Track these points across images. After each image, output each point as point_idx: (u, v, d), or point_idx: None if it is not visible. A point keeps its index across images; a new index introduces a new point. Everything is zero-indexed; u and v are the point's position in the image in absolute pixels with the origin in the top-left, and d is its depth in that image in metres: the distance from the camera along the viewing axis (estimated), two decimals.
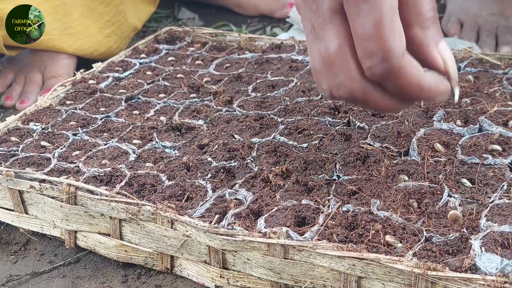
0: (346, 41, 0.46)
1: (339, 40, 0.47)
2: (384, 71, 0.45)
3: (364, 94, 0.48)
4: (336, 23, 0.47)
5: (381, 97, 0.48)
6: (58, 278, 0.61)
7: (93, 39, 1.06)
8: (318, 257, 0.49)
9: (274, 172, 0.61)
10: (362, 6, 0.44)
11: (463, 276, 0.44)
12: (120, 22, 1.10)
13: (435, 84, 0.47)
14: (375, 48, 0.44)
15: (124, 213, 0.57)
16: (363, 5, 0.44)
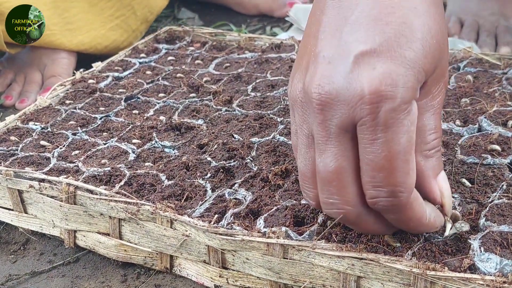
0: (350, 163, 0.43)
1: (342, 161, 0.43)
2: (389, 205, 0.43)
3: (357, 218, 0.45)
4: (343, 142, 0.43)
5: (373, 223, 0.46)
6: (58, 278, 0.61)
7: (95, 33, 1.06)
8: (317, 256, 0.49)
9: (274, 172, 0.61)
10: (379, 134, 0.41)
11: (462, 276, 0.44)
12: (125, 16, 1.10)
13: (434, 219, 0.46)
14: (386, 181, 0.42)
15: (124, 212, 0.57)
16: (381, 134, 0.41)
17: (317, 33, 0.45)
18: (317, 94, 0.43)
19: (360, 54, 0.42)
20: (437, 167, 0.46)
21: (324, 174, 0.44)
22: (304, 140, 0.46)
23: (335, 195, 0.44)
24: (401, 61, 0.41)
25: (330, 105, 0.42)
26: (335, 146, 0.43)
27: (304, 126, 0.45)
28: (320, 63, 0.44)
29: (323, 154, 0.43)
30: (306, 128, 0.45)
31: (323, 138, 0.43)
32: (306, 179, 0.47)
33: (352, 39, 0.43)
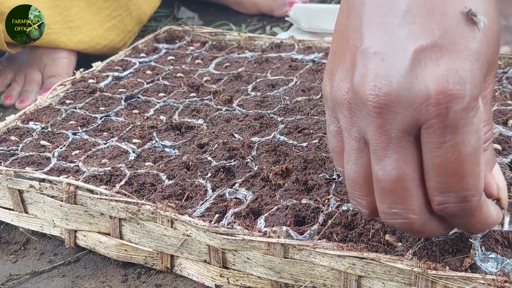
0: (413, 170, 0.39)
1: (406, 168, 0.39)
2: (460, 210, 0.40)
3: (422, 226, 0.41)
4: (405, 147, 0.39)
5: (436, 227, 0.42)
6: (58, 278, 0.61)
7: (95, 32, 1.06)
8: (318, 256, 0.49)
9: (274, 171, 0.61)
10: (448, 137, 0.38)
11: (463, 275, 0.44)
12: (122, 16, 1.11)
13: (496, 216, 0.43)
14: (456, 186, 0.39)
15: (124, 212, 0.57)
16: (450, 136, 0.38)
17: (359, 26, 0.41)
18: (374, 96, 0.39)
19: (420, 49, 0.38)
20: (492, 160, 0.43)
21: (386, 183, 0.40)
22: (354, 145, 0.42)
23: (399, 204, 0.40)
24: (467, 55, 0.38)
25: (390, 107, 0.38)
26: (396, 152, 0.39)
27: (353, 129, 0.41)
28: (371, 60, 0.39)
29: (383, 161, 0.39)
30: (357, 131, 0.41)
31: (383, 143, 0.39)
32: (357, 187, 0.43)
33: (407, 33, 0.39)
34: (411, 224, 0.41)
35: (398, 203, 0.40)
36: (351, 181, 0.43)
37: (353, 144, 0.42)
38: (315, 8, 1.16)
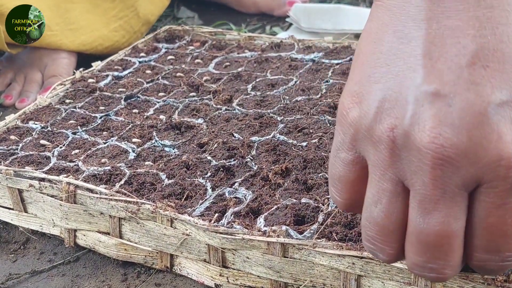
0: (461, 227, 0.36)
1: (456, 224, 0.35)
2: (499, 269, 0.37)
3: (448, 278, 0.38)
4: (459, 203, 0.35)
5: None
6: (58, 277, 0.61)
7: (98, 33, 1.06)
8: (317, 255, 0.49)
9: (274, 171, 0.61)
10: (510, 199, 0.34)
11: (462, 274, 0.44)
12: (128, 17, 1.10)
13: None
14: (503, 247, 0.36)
15: (124, 211, 0.57)
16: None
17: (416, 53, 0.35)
18: (437, 147, 0.34)
19: (499, 104, 0.34)
20: None
21: (430, 237, 0.36)
22: (389, 187, 0.37)
23: (440, 260, 0.36)
24: None
25: (454, 161, 0.34)
26: (448, 208, 0.35)
27: (390, 170, 0.36)
28: (433, 102, 0.34)
29: (430, 214, 0.35)
30: (395, 173, 0.36)
31: (434, 196, 0.35)
32: (385, 233, 0.38)
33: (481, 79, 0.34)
34: (443, 279, 0.38)
35: (438, 259, 0.36)
36: (377, 225, 0.38)
37: (387, 186, 0.37)
38: (315, 8, 1.17)
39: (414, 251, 0.37)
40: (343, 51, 0.89)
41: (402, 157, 0.35)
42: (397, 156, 0.36)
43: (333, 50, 0.90)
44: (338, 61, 0.86)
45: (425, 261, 0.37)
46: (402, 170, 0.36)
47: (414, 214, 0.36)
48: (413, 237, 0.36)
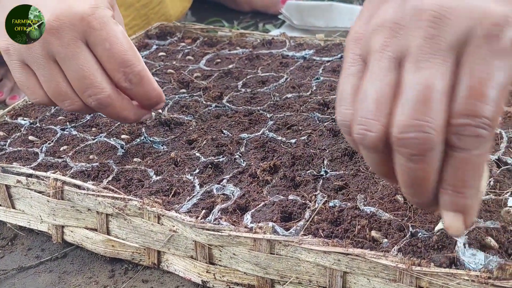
0: (448, 84, 0.38)
1: (443, 80, 0.38)
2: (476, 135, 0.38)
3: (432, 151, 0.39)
4: (447, 63, 0.38)
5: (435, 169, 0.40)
6: (45, 273, 0.60)
7: None
8: (303, 252, 0.49)
9: (262, 168, 0.61)
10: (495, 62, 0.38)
11: (447, 271, 0.44)
12: (139, 26, 1.10)
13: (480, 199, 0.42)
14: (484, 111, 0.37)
15: (111, 208, 0.57)
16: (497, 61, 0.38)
17: None
18: (435, 5, 0.38)
19: None
20: None
21: (415, 91, 0.38)
22: (385, 64, 0.40)
23: (426, 115, 0.38)
24: None
25: (448, 19, 0.38)
26: (438, 64, 0.38)
27: (389, 48, 0.40)
28: None
29: (420, 71, 0.38)
30: (393, 51, 0.40)
31: (427, 54, 0.38)
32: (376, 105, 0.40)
33: None
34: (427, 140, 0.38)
35: (423, 113, 0.38)
36: (370, 99, 0.40)
37: (384, 64, 0.40)
38: (308, 6, 1.16)
39: (400, 112, 0.38)
40: (334, 49, 0.89)
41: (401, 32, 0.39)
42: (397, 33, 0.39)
43: (324, 48, 0.90)
44: (329, 58, 0.86)
45: (412, 116, 0.38)
46: (400, 44, 0.39)
47: (407, 74, 0.39)
48: (401, 99, 0.39)
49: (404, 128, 0.38)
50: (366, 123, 0.40)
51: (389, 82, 0.39)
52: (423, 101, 0.38)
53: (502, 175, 0.56)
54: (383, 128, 0.39)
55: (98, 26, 0.59)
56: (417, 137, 0.38)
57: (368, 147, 0.41)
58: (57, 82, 0.61)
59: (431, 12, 0.38)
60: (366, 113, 0.40)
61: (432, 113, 0.38)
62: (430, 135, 0.38)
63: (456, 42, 0.38)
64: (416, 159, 0.39)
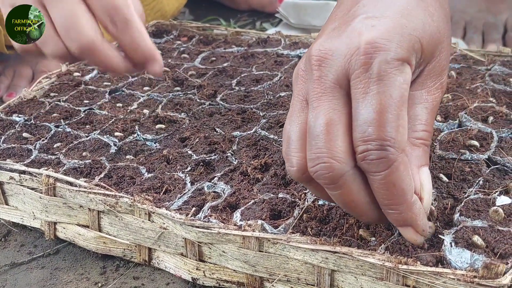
0: (341, 118, 0.43)
1: (333, 115, 0.43)
2: (378, 158, 0.41)
3: (342, 178, 0.43)
4: (337, 96, 0.43)
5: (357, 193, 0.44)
6: (37, 269, 0.61)
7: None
8: (292, 250, 0.49)
9: (253, 166, 0.61)
10: (372, 87, 0.42)
11: (433, 270, 0.44)
12: None
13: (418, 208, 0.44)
14: (376, 134, 0.41)
15: (102, 204, 0.57)
16: (373, 86, 0.41)
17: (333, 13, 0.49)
18: (317, 51, 0.44)
19: (365, 17, 0.44)
20: (422, 158, 0.46)
21: (314, 128, 0.43)
22: (298, 106, 0.46)
23: (323, 148, 0.42)
24: (400, 25, 0.43)
25: (328, 60, 0.43)
26: (328, 101, 0.43)
27: (300, 93, 0.46)
28: (325, 31, 0.46)
29: (315, 110, 0.43)
30: (302, 94, 0.46)
31: (318, 94, 0.43)
32: (292, 143, 0.45)
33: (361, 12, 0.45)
34: (331, 169, 0.42)
35: (322, 147, 0.42)
36: (288, 139, 0.46)
37: (297, 106, 0.46)
38: (304, 4, 1.17)
39: (308, 147, 0.43)
40: None
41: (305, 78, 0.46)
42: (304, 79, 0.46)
43: None
44: None
45: (313, 152, 0.43)
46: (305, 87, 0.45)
47: (308, 116, 0.44)
48: (308, 136, 0.43)
49: (311, 162, 0.43)
50: (289, 158, 0.46)
51: (299, 123, 0.45)
52: (318, 136, 0.42)
53: (492, 174, 0.56)
54: (301, 161, 0.44)
55: None
56: (321, 168, 0.42)
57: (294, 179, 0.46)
58: None
59: (315, 57, 0.44)
60: (286, 150, 0.46)
61: (328, 144, 0.42)
62: (331, 163, 0.42)
63: (338, 78, 0.43)
64: (331, 187, 0.44)
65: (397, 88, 0.42)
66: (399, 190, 0.43)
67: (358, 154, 0.42)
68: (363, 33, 0.43)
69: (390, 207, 0.44)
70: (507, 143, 0.60)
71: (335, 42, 0.43)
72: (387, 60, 0.42)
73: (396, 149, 0.41)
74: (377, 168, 0.42)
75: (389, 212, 0.44)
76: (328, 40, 0.44)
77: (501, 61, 0.78)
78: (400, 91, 0.42)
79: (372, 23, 0.43)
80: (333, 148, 0.42)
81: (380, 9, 0.45)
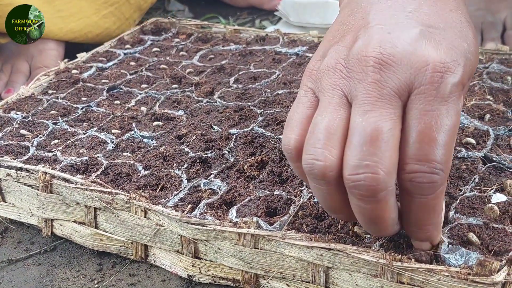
0: (396, 128, 0.40)
1: (391, 124, 0.40)
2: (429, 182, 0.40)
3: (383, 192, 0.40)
4: (395, 106, 0.40)
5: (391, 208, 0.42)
6: (34, 266, 0.61)
7: (88, 20, 1.05)
8: (287, 247, 0.49)
9: (249, 163, 0.61)
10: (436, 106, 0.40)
11: (427, 267, 0.44)
12: (119, 3, 1.10)
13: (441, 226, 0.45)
14: (431, 155, 0.39)
15: (99, 201, 0.57)
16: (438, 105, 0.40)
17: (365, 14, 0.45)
18: (377, 53, 0.41)
19: (426, 27, 0.42)
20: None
21: (365, 132, 0.40)
22: (336, 100, 0.42)
23: (373, 156, 0.39)
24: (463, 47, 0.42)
25: (391, 66, 0.41)
26: (384, 108, 0.40)
27: (338, 87, 0.42)
28: (376, 32, 0.42)
29: (368, 113, 0.40)
30: (341, 89, 0.42)
31: (372, 98, 0.40)
32: (326, 136, 0.41)
33: (414, 18, 0.43)
34: (377, 181, 0.39)
35: (372, 155, 0.39)
36: (321, 129, 0.41)
37: (335, 100, 0.42)
38: (304, 2, 1.16)
39: (350, 151, 0.40)
40: None
41: (348, 75, 0.42)
42: (345, 75, 0.42)
43: (317, 44, 0.90)
44: None
45: (359, 158, 0.39)
46: (348, 85, 0.42)
47: (355, 117, 0.41)
48: (352, 137, 0.40)
49: (354, 169, 0.40)
50: (315, 152, 0.41)
51: (339, 117, 0.42)
52: (371, 143, 0.39)
53: (488, 172, 0.56)
54: (332, 158, 0.41)
55: None
56: (366, 178, 0.39)
57: (316, 177, 0.42)
58: None
59: (374, 59, 0.41)
60: (315, 142, 0.41)
61: (380, 153, 0.39)
62: (379, 175, 0.39)
63: (399, 88, 0.40)
64: (368, 200, 0.41)
65: (457, 113, 0.40)
66: (436, 213, 0.43)
67: (407, 172, 0.40)
68: (430, 49, 0.41)
69: (421, 227, 0.43)
70: (504, 140, 0.60)
71: (399, 48, 0.41)
72: (455, 82, 0.40)
73: (446, 174, 0.40)
74: (424, 191, 0.40)
75: (416, 231, 0.44)
76: (387, 43, 0.41)
77: (499, 59, 0.78)
78: (458, 117, 0.41)
79: (437, 38, 0.42)
80: (385, 160, 0.39)
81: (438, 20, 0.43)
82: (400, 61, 0.41)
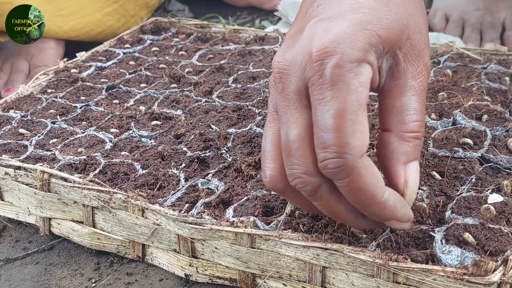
0: (307, 130, 0.42)
1: (300, 128, 0.42)
2: (336, 167, 0.40)
3: (317, 191, 0.43)
4: (300, 108, 0.42)
5: (336, 203, 0.43)
6: (31, 265, 0.61)
7: (90, 18, 1.05)
8: (283, 246, 0.49)
9: (247, 163, 0.61)
10: (326, 92, 0.41)
11: (423, 267, 0.45)
12: (123, 1, 1.10)
13: (393, 203, 0.43)
14: (332, 140, 0.40)
15: (96, 200, 0.58)
16: (327, 92, 0.40)
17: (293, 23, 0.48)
18: (277, 63, 0.44)
19: (317, 20, 0.43)
20: (410, 154, 0.45)
21: (286, 144, 0.43)
22: (270, 118, 0.46)
23: (296, 165, 0.42)
24: (352, 22, 0.42)
25: (287, 71, 0.43)
26: (292, 115, 0.43)
27: (271, 105, 0.46)
28: (285, 39, 0.46)
29: (285, 124, 0.43)
30: (272, 106, 0.46)
31: (284, 108, 0.43)
32: (264, 154, 0.46)
33: (314, 14, 0.45)
34: (307, 183, 0.42)
35: (295, 164, 0.42)
36: (263, 150, 0.46)
37: (269, 118, 0.46)
38: None
39: (285, 164, 0.43)
40: None
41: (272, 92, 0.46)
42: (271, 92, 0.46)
43: None
44: None
45: (288, 169, 0.43)
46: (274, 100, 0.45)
47: (281, 131, 0.43)
48: (283, 152, 0.43)
49: (289, 178, 0.43)
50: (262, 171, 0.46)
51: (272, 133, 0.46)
52: (287, 153, 0.43)
53: (484, 172, 0.56)
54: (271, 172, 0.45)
55: None
56: (298, 183, 0.43)
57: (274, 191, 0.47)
58: None
59: (276, 70, 0.44)
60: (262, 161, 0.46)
61: (295, 160, 0.42)
62: (303, 178, 0.42)
63: (299, 89, 0.42)
64: (313, 199, 0.44)
65: (352, 92, 0.40)
66: (367, 194, 0.42)
67: (319, 163, 0.41)
68: (314, 39, 0.42)
69: (364, 210, 0.43)
70: (501, 141, 0.60)
71: (292, 52, 0.43)
72: (338, 64, 0.41)
73: (353, 155, 0.40)
74: (338, 176, 0.41)
75: (370, 215, 0.44)
76: (286, 50, 0.44)
77: (498, 59, 0.78)
78: (356, 95, 0.41)
79: (323, 26, 0.43)
80: (304, 163, 0.42)
81: (332, 7, 0.44)
82: (292, 63, 0.43)
